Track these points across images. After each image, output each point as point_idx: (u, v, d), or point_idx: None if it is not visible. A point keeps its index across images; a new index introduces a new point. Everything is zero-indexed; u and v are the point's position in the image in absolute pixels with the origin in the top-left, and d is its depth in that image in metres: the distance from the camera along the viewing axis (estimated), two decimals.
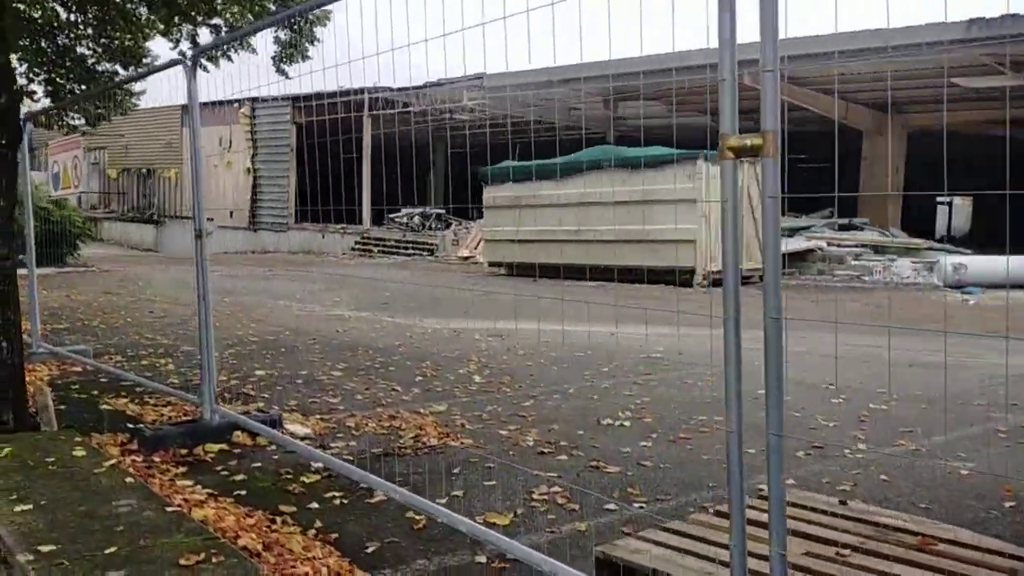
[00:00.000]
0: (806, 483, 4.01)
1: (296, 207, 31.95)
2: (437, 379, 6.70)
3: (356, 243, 28.60)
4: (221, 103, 34.36)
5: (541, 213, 17.87)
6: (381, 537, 3.39)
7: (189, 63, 4.96)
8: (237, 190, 33.92)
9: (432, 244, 26.19)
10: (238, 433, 4.74)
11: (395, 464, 4.31)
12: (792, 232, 20.71)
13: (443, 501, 3.70)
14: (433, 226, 27.64)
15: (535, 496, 3.84)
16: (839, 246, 20.70)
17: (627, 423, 5.25)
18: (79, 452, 3.98)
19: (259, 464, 4.35)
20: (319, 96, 25.96)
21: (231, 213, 34.32)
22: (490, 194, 18.94)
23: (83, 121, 21.98)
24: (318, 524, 3.49)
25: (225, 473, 4.20)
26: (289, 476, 4.14)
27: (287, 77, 12.49)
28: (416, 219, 28.04)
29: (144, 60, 20.18)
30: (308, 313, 11.68)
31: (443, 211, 28.54)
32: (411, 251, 26.27)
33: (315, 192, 31.10)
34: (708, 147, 18.07)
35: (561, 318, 7.80)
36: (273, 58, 12.40)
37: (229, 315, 11.09)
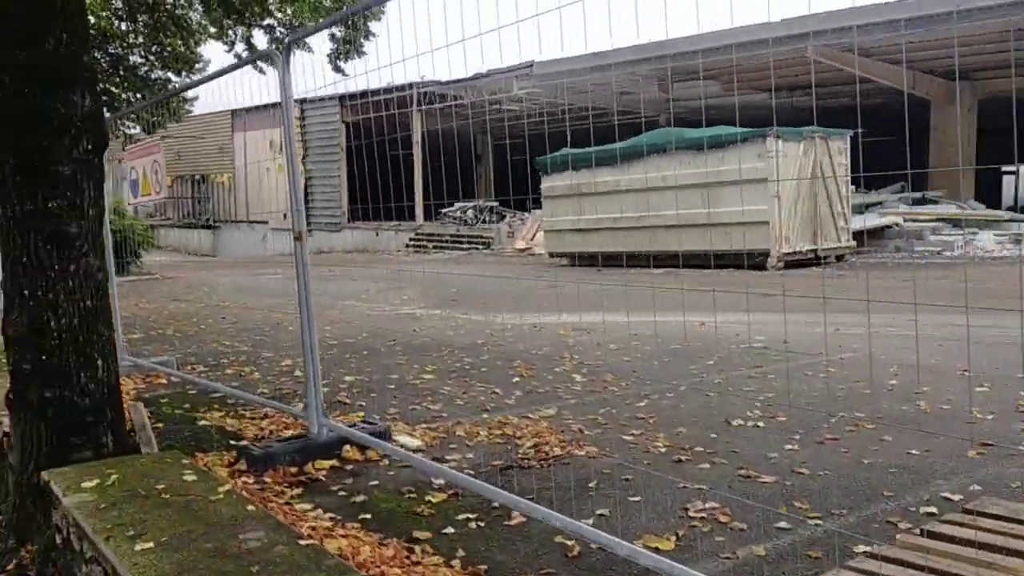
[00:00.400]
0: (994, 489, 3.55)
1: (348, 206, 31.97)
2: (535, 379, 6.33)
3: (410, 240, 28.45)
4: (267, 106, 34.63)
5: (602, 201, 17.42)
6: (536, 567, 3.03)
7: (283, 50, 4.63)
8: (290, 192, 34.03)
9: (487, 237, 25.88)
10: (347, 447, 4.43)
11: (522, 477, 3.95)
12: (865, 208, 19.89)
13: (590, 521, 3.33)
14: (487, 219, 27.31)
15: (691, 513, 3.44)
16: (915, 221, 19.83)
17: (760, 423, 4.81)
18: (190, 476, 3.70)
19: (376, 482, 4.03)
20: (368, 94, 25.85)
21: (284, 215, 34.48)
22: (548, 183, 18.52)
23: (138, 130, 22.19)
24: (460, 553, 3.14)
25: (343, 494, 3.89)
26: (412, 495, 3.81)
27: (344, 75, 12.22)
28: (469, 213, 27.75)
29: (196, 66, 20.13)
30: (379, 312, 11.43)
31: (496, 204, 28.20)
32: (466, 245, 26.01)
33: (367, 191, 31.09)
34: (775, 124, 17.44)
35: (653, 309, 7.38)
36: (329, 55, 12.15)
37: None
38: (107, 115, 12.97)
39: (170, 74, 20.54)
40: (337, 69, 11.89)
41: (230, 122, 36.17)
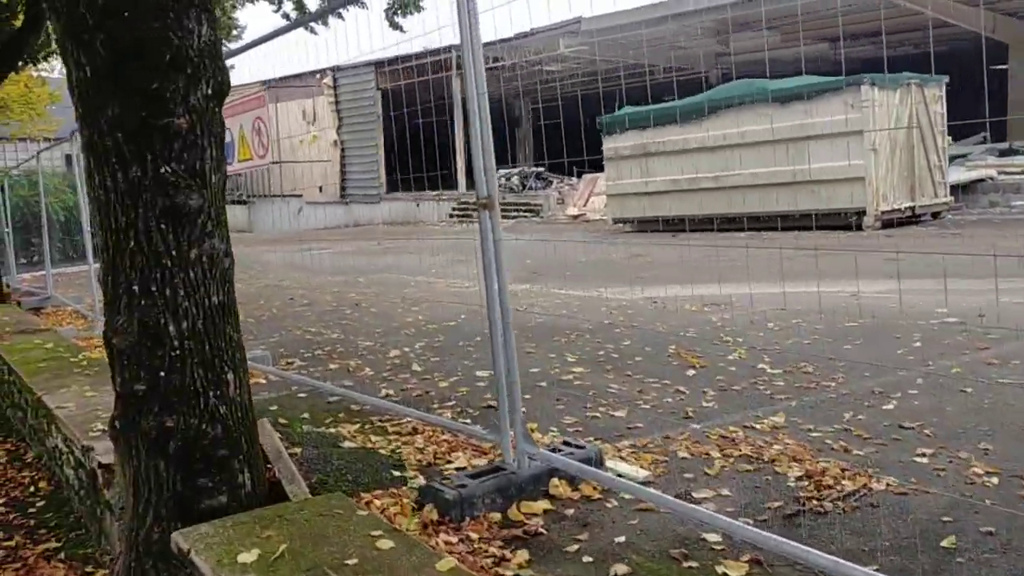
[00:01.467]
0: None
1: (387, 177, 30.87)
2: (714, 371, 5.23)
3: (453, 209, 27.31)
4: (301, 75, 33.45)
5: (672, 160, 16.18)
6: None
7: None
8: (324, 164, 32.98)
9: (535, 205, 24.69)
10: (555, 481, 3.36)
11: (826, 529, 2.86)
12: (950, 161, 18.47)
13: None
14: (533, 186, 26.10)
15: None
16: (1007, 174, 18.39)
17: None
18: (385, 542, 2.62)
19: (621, 537, 2.95)
20: (404, 59, 24.57)
21: (320, 188, 33.48)
22: (611, 144, 17.28)
23: None
24: None
25: (588, 559, 2.80)
26: (692, 563, 2.73)
27: (402, 31, 11.11)
28: (514, 179, 26.56)
29: (233, 32, 19.02)
30: (462, 289, 10.35)
31: (541, 169, 26.95)
32: (514, 214, 24.83)
33: (405, 160, 29.94)
34: (843, 73, 16.04)
35: (780, 278, 6.25)
36: (386, 11, 11.00)
37: (379, 296, 9.86)
38: None
39: None
40: (395, 26, 10.75)
41: (265, 95, 35.09)
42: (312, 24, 8.77)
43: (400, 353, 6.38)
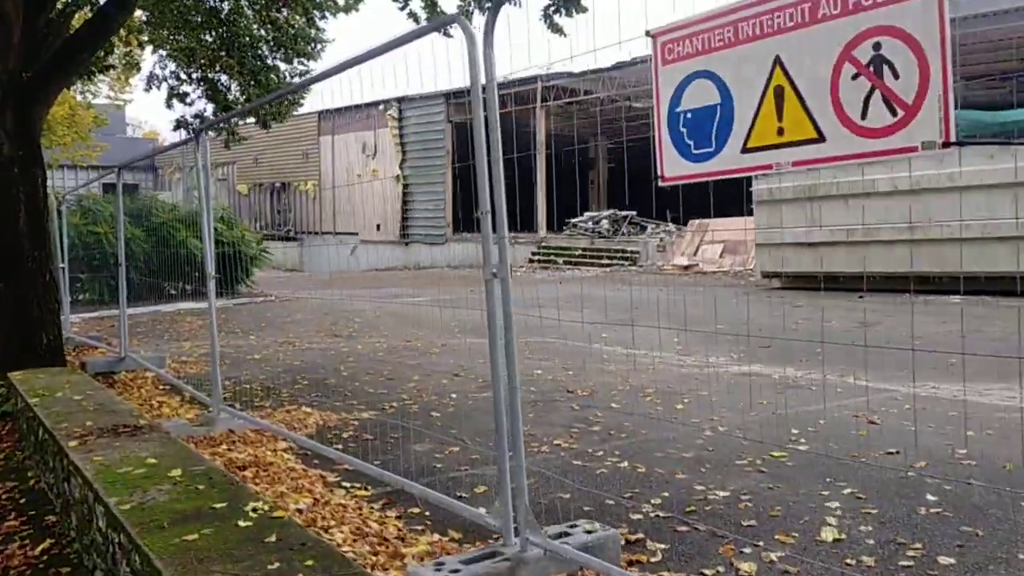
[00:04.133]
0: None
1: (454, 216, 28.51)
2: None
3: (533, 254, 24.84)
4: (360, 106, 31.38)
5: (850, 205, 13.58)
6: None
7: None
8: (384, 200, 30.74)
9: (632, 252, 22.15)
10: None
11: None
12: None
13: None
14: (627, 231, 23.59)
15: None
16: None
17: None
18: None
19: None
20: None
21: (378, 226, 31.18)
22: (765, 185, 14.73)
23: (245, 125, 18.74)
24: None
25: None
26: None
27: (563, 34, 8.86)
28: (603, 223, 24.07)
29: (316, 48, 16.62)
30: (658, 364, 7.72)
31: (633, 213, 24.45)
32: (606, 260, 22.32)
33: (476, 198, 27.31)
34: None
35: None
36: (545, 9, 8.77)
37: (604, 377, 7.24)
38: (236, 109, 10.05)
39: (279, 62, 17.28)
40: (555, 28, 8.39)
41: (316, 124, 33.03)
42: (447, 27, 6.40)
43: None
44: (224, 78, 16.58)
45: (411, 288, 18.82)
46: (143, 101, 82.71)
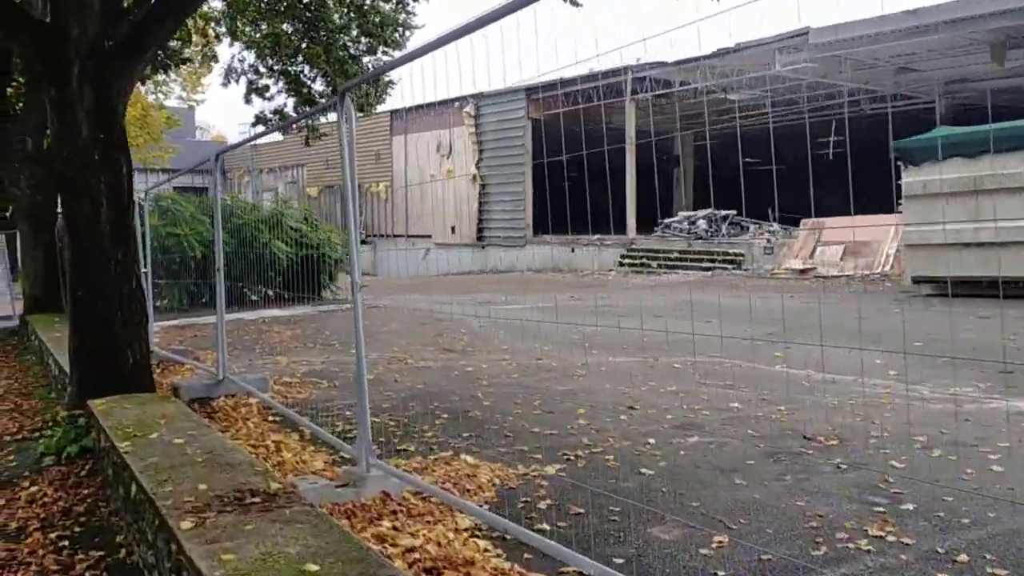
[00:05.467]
0: None
1: (534, 218, 27.03)
2: None
3: (623, 256, 23.20)
4: (435, 104, 30.13)
5: (1021, 200, 11.70)
6: None
7: None
8: (460, 201, 29.45)
9: (735, 254, 20.38)
10: None
11: None
12: None
13: None
14: (727, 232, 21.81)
15: None
16: None
17: None
18: None
19: None
20: (565, 83, 20.56)
21: (452, 228, 29.90)
22: (917, 178, 12.88)
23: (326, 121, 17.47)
24: None
25: None
26: None
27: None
28: (700, 224, 22.32)
29: (404, 35, 15.16)
30: (886, 396, 6.08)
31: (734, 212, 22.65)
32: (706, 264, 20.58)
33: (559, 199, 26.00)
34: None
35: None
36: None
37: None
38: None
39: (363, 52, 16.11)
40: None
41: (388, 124, 31.95)
42: None
43: None
44: (307, 69, 15.42)
45: (499, 294, 17.37)
46: (211, 104, 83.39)
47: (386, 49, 15.24)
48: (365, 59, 15.23)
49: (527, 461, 4.51)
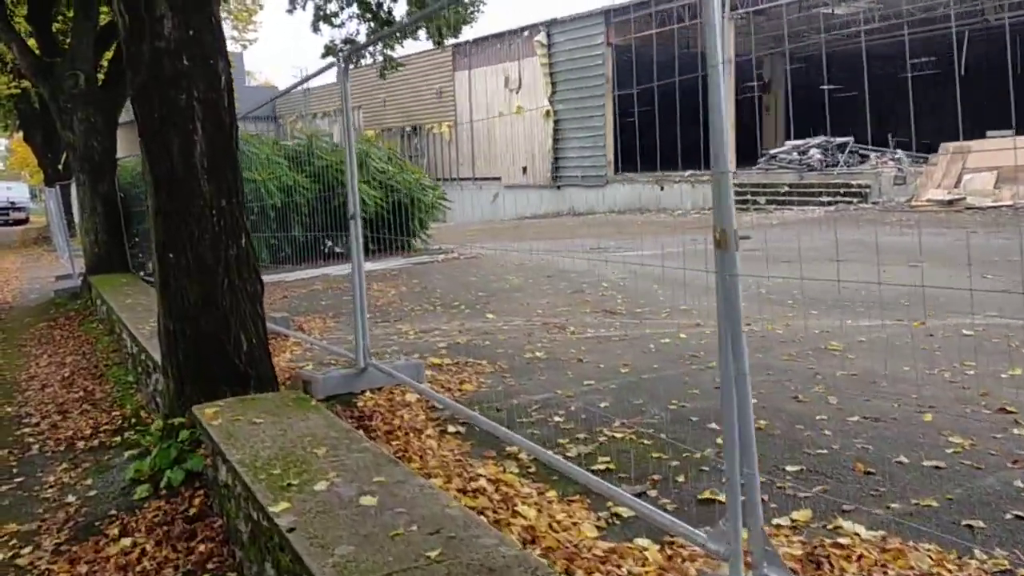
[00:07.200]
0: None
1: (616, 155, 24.85)
2: None
3: None
4: (502, 34, 27.83)
5: None
6: None
7: None
8: (531, 140, 27.34)
9: (860, 185, 18.07)
10: None
11: None
12: None
13: None
14: (847, 161, 19.45)
15: None
16: None
17: None
18: None
19: None
20: (647, 3, 17.85)
21: (524, 169, 27.86)
22: None
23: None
24: None
25: None
26: None
27: None
28: (813, 154, 19.98)
29: None
30: None
31: (848, 139, 20.22)
32: (826, 198, 18.31)
33: (645, 133, 23.76)
34: None
35: None
36: None
37: None
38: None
39: None
40: None
41: (451, 60, 29.74)
42: None
43: None
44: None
45: (599, 238, 15.41)
46: (258, 49, 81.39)
47: None
48: None
49: (891, 528, 2.66)
